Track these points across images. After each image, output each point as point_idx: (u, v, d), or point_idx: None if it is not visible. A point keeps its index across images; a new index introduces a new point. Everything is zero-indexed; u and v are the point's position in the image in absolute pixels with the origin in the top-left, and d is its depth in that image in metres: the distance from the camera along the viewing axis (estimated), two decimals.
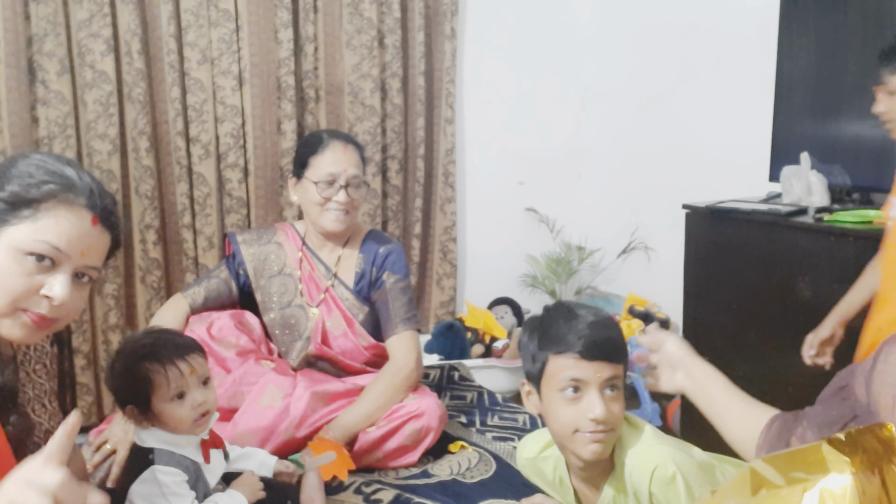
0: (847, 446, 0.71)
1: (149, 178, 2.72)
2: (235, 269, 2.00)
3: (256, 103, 2.82)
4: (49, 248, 1.00)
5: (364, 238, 2.02)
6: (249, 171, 2.85)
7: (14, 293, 0.99)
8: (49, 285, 1.01)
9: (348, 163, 1.89)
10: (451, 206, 3.22)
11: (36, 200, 1.00)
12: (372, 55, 2.94)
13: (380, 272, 1.97)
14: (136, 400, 1.33)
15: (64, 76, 2.57)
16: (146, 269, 2.76)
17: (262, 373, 1.82)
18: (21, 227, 0.99)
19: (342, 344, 1.95)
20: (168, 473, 1.30)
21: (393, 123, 3.06)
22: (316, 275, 1.97)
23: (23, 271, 0.99)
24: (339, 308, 1.95)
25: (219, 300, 1.98)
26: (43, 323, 1.02)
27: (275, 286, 1.98)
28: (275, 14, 2.79)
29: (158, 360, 1.32)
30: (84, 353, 2.71)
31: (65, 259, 1.02)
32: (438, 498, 1.60)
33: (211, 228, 2.82)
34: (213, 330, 1.88)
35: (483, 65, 3.24)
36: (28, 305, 1.01)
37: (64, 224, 1.01)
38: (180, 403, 1.33)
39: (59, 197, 1.01)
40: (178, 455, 1.33)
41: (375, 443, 1.76)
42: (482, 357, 3.02)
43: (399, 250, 2.01)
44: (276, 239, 2.02)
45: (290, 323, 1.96)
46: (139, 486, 1.30)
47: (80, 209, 1.03)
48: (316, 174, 1.88)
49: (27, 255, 0.99)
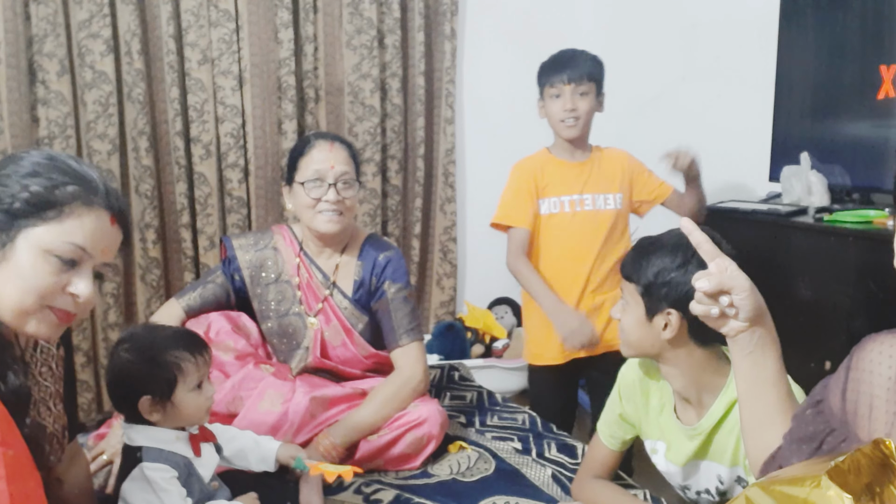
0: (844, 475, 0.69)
1: (148, 177, 2.73)
2: (231, 274, 1.94)
3: (257, 103, 2.82)
4: (76, 250, 1.04)
5: (362, 244, 1.97)
6: (250, 171, 2.86)
7: (43, 292, 1.02)
8: (74, 284, 1.04)
9: (335, 160, 1.83)
10: (451, 206, 3.22)
11: (59, 203, 1.03)
12: (372, 55, 2.94)
13: (380, 281, 1.91)
14: (157, 389, 1.33)
15: (64, 76, 2.57)
16: (146, 268, 2.77)
17: (261, 378, 1.81)
18: (47, 229, 1.03)
19: (341, 354, 1.92)
20: (156, 470, 1.31)
21: (393, 123, 3.06)
22: (314, 283, 1.93)
23: (51, 271, 1.03)
24: (338, 318, 1.90)
25: (216, 304, 1.94)
26: (67, 319, 1.07)
27: (272, 294, 1.94)
28: (275, 14, 2.79)
29: (186, 349, 1.36)
30: (84, 351, 2.72)
31: (87, 259, 1.06)
32: (438, 498, 1.60)
33: (212, 228, 2.83)
34: (211, 333, 1.86)
35: (483, 65, 3.24)
36: (55, 303, 1.04)
37: (88, 226, 1.05)
38: (199, 393, 1.37)
39: (82, 199, 1.04)
40: (166, 452, 1.34)
41: (378, 451, 1.75)
42: (482, 357, 3.02)
43: (398, 256, 1.96)
44: (273, 244, 1.97)
45: (287, 332, 1.92)
46: (129, 483, 1.31)
47: (100, 210, 1.07)
48: (304, 174, 1.83)
49: (54, 256, 1.02)
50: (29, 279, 1.02)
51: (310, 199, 1.82)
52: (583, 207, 2.15)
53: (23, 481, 0.82)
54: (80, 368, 2.69)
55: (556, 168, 2.17)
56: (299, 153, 1.87)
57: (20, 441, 0.89)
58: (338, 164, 1.83)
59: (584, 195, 2.15)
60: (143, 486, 1.30)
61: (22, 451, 0.89)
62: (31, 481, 0.86)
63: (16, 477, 0.80)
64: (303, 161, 1.85)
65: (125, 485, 1.31)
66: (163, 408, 1.34)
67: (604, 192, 2.15)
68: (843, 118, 2.22)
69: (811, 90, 2.33)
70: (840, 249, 1.96)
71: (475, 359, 2.97)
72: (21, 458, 0.87)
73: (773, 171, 2.41)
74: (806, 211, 2.14)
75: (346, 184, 1.84)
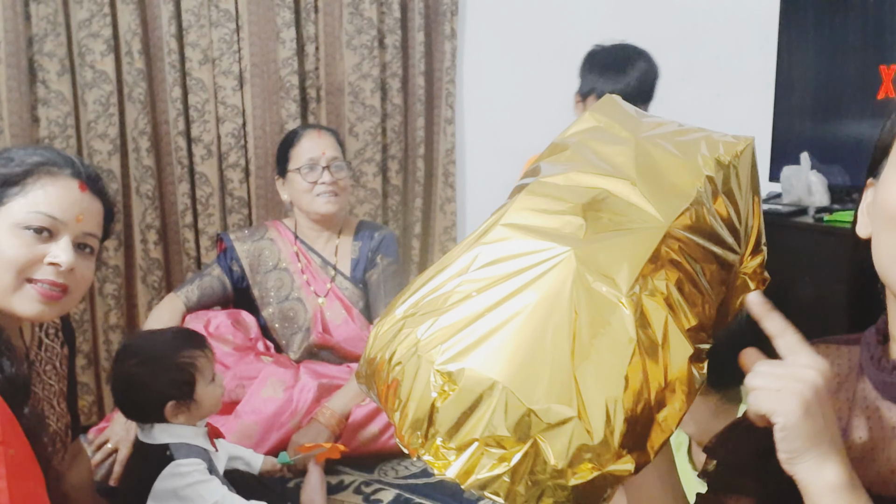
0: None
1: (149, 178, 2.73)
2: (228, 266, 2.04)
3: (257, 103, 2.82)
4: (44, 218, 1.04)
5: (357, 226, 2.13)
6: (250, 171, 2.86)
7: (18, 264, 1.03)
8: (53, 253, 1.05)
9: (325, 146, 2.01)
10: (451, 206, 3.22)
11: (21, 176, 1.04)
12: (372, 55, 2.94)
13: (374, 254, 2.05)
14: (179, 392, 1.35)
15: (64, 76, 2.57)
16: (147, 269, 2.77)
17: (262, 367, 1.84)
18: (12, 205, 1.03)
19: (343, 332, 1.99)
20: (191, 465, 1.33)
21: (393, 123, 3.06)
22: (313, 267, 2.03)
23: (25, 243, 1.03)
24: (339, 298, 2.00)
25: (213, 297, 2.00)
26: (54, 294, 1.06)
27: (271, 281, 2.03)
28: (276, 14, 2.79)
29: (193, 347, 1.40)
30: (84, 353, 2.71)
31: (62, 227, 1.06)
32: (438, 498, 1.60)
33: (214, 228, 2.82)
34: (211, 328, 1.90)
35: (483, 65, 3.24)
36: (34, 275, 1.04)
37: (53, 193, 1.05)
38: (215, 384, 1.42)
39: (43, 169, 1.05)
40: (194, 446, 1.36)
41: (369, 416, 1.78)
42: None
43: (391, 236, 2.12)
44: (268, 235, 2.10)
45: (289, 316, 2.00)
46: (163, 482, 1.32)
47: (66, 178, 1.08)
48: (297, 162, 2.00)
49: (24, 229, 1.03)
50: (3, 255, 1.02)
51: (307, 183, 1.98)
52: None
53: (23, 480, 0.82)
54: (81, 371, 2.68)
55: None
56: (289, 144, 2.04)
57: (22, 439, 0.90)
58: (328, 149, 2.00)
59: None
60: (177, 483, 1.31)
61: (23, 450, 0.89)
62: (32, 481, 0.86)
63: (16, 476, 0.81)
64: (294, 151, 2.03)
65: (158, 484, 1.32)
66: (187, 408, 1.37)
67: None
68: (843, 118, 2.22)
69: (811, 90, 2.33)
70: (840, 249, 1.96)
71: None
72: (22, 457, 0.87)
73: (773, 171, 2.41)
74: (806, 211, 2.14)
75: (338, 167, 2.01)
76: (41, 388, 1.20)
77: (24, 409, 1.07)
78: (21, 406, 1.06)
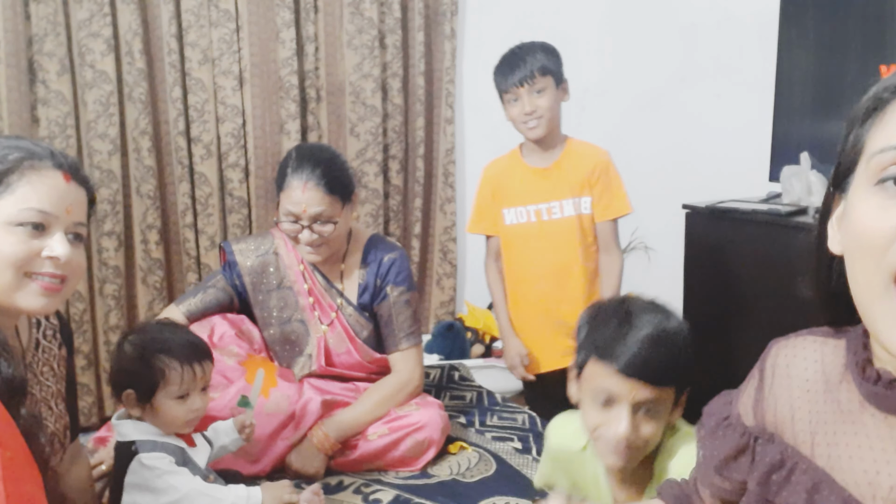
0: None
1: (150, 178, 2.73)
2: (233, 280, 1.92)
3: (257, 103, 2.82)
4: (36, 213, 1.05)
5: (365, 247, 1.92)
6: (250, 171, 2.86)
7: (16, 261, 1.04)
8: (49, 247, 1.05)
9: (308, 202, 1.72)
10: (451, 206, 3.22)
11: (4, 174, 1.03)
12: (373, 55, 2.94)
13: (384, 283, 1.89)
14: (140, 388, 1.33)
15: (64, 76, 2.57)
16: (147, 270, 2.77)
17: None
18: (2, 203, 1.02)
19: (345, 360, 1.91)
20: (154, 458, 1.31)
21: (394, 123, 3.06)
22: (318, 290, 1.90)
23: (20, 240, 1.04)
24: (343, 326, 1.90)
25: (218, 308, 1.90)
26: (54, 285, 1.07)
27: (273, 300, 1.91)
28: (276, 14, 2.79)
29: (177, 358, 1.35)
30: (84, 354, 2.71)
31: (54, 220, 1.07)
32: (438, 498, 1.60)
33: (213, 228, 2.83)
34: (215, 338, 1.84)
35: (483, 65, 3.23)
36: (34, 269, 1.05)
37: (41, 187, 1.06)
38: (181, 403, 1.35)
39: (26, 164, 1.05)
40: (160, 442, 1.34)
41: (377, 453, 1.76)
42: (482, 357, 3.02)
43: (402, 258, 1.92)
44: (274, 248, 1.92)
45: (290, 339, 1.90)
46: (131, 476, 1.31)
47: (49, 170, 1.08)
48: (282, 207, 1.77)
49: (18, 226, 1.03)
50: (2, 253, 1.03)
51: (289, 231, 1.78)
52: (550, 216, 2.08)
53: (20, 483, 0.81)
54: (81, 371, 2.68)
55: (521, 174, 2.11)
56: (280, 182, 1.79)
57: (19, 441, 0.89)
58: (311, 206, 1.73)
59: (552, 203, 2.07)
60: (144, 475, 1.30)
61: (20, 452, 0.88)
62: (29, 483, 0.85)
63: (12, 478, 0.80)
64: (282, 193, 1.78)
65: (127, 480, 1.31)
66: (142, 407, 1.35)
67: (572, 197, 2.07)
68: (843, 118, 2.22)
69: (811, 90, 2.33)
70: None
71: (475, 359, 2.97)
72: (19, 460, 0.86)
73: (773, 171, 2.41)
74: (806, 211, 2.14)
75: (323, 223, 1.76)
76: (39, 390, 1.20)
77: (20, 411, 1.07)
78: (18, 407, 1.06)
